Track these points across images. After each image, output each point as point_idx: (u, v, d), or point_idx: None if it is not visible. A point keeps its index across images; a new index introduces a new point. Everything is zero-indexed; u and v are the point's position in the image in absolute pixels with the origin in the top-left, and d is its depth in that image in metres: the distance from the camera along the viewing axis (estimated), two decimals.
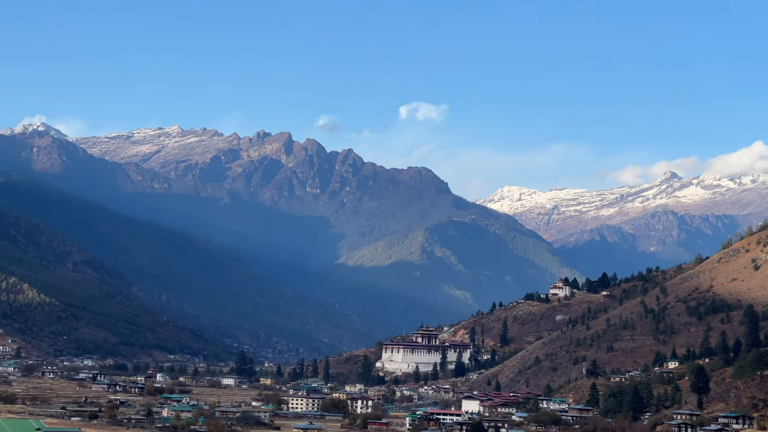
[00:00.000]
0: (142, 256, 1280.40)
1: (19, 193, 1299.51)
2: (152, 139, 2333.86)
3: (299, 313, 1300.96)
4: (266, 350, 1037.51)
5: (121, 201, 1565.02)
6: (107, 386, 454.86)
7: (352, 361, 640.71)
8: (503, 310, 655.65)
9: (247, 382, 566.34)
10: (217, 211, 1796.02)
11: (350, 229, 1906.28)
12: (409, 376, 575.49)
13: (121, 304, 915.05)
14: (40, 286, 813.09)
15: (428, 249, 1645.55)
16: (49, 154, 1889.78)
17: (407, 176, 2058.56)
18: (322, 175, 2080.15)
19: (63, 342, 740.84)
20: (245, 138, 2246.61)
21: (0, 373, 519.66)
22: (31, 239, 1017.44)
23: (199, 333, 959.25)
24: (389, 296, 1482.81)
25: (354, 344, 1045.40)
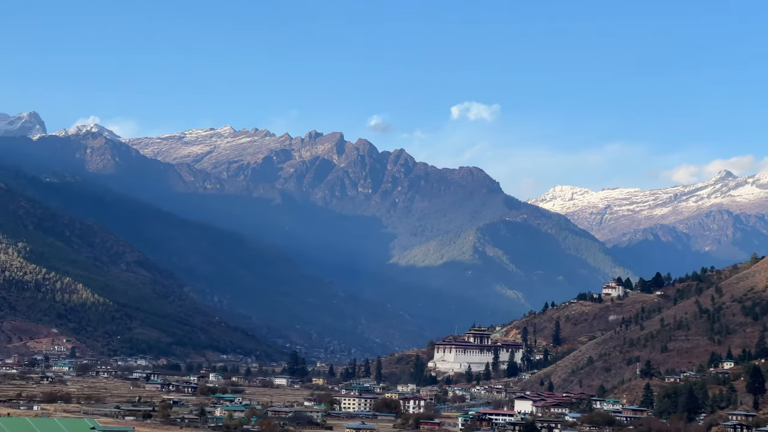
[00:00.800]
0: (195, 257, 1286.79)
1: (73, 194, 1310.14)
2: (204, 139, 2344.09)
3: (351, 313, 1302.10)
4: (318, 350, 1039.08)
5: (173, 202, 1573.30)
6: (160, 386, 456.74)
7: (404, 361, 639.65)
8: (555, 309, 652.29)
9: (300, 382, 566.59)
10: (268, 212, 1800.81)
11: (402, 229, 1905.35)
12: (461, 376, 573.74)
13: (174, 304, 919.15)
14: (93, 287, 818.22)
15: (480, 249, 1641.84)
16: (102, 155, 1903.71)
17: (459, 176, 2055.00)
18: (373, 175, 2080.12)
19: (117, 342, 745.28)
20: (297, 138, 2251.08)
21: (55, 372, 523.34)
22: (84, 240, 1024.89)
23: (252, 333, 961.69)
24: (441, 296, 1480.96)
25: (406, 344, 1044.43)
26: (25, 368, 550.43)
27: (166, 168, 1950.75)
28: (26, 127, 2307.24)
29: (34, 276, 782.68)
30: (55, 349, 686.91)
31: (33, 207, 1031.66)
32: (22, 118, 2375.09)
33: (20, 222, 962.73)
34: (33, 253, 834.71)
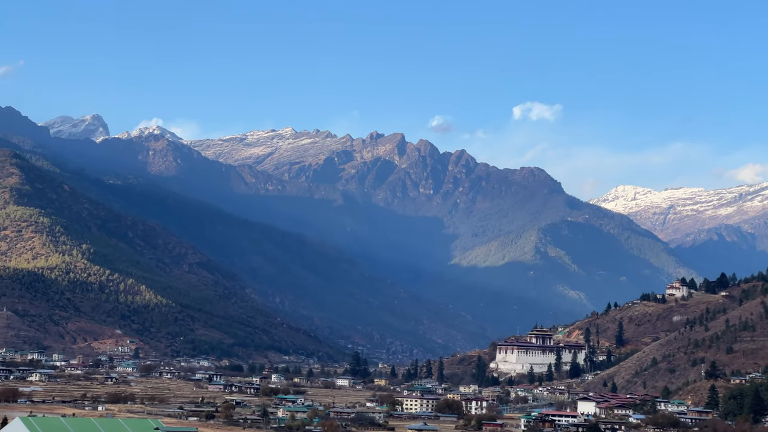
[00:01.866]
0: (257, 258, 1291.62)
1: (135, 195, 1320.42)
2: (265, 141, 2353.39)
3: (413, 314, 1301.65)
4: (380, 351, 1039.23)
5: (235, 203, 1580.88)
6: (223, 386, 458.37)
7: (466, 361, 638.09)
8: (618, 310, 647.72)
9: (362, 382, 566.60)
10: (330, 213, 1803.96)
11: (463, 229, 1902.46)
12: (523, 376, 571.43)
13: (236, 305, 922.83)
14: (156, 288, 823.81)
15: (541, 249, 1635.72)
16: (164, 157, 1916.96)
17: (520, 176, 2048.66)
18: (435, 175, 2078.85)
19: (179, 343, 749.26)
20: (358, 139, 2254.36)
21: (119, 373, 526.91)
22: (147, 241, 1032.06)
23: (314, 334, 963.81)
24: (503, 296, 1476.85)
25: (468, 345, 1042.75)
26: (90, 369, 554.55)
27: (227, 170, 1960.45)
28: (90, 129, 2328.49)
29: (98, 277, 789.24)
30: (119, 350, 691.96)
31: (96, 209, 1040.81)
32: (86, 121, 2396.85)
33: (84, 224, 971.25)
34: (97, 255, 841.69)
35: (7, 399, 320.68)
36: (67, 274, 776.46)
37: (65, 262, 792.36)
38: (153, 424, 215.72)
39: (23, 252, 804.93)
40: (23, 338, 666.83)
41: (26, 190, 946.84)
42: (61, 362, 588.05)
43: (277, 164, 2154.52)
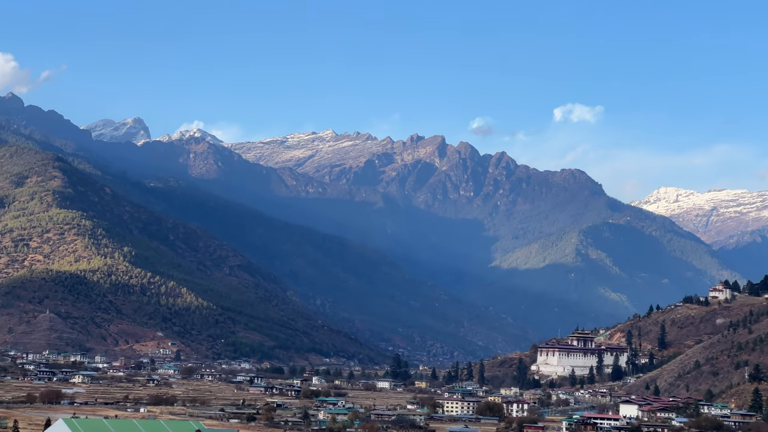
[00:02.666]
0: (297, 261, 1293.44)
1: (176, 198, 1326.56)
2: (306, 143, 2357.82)
3: (453, 316, 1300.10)
4: (421, 353, 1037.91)
5: (276, 206, 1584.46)
6: (264, 389, 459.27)
7: (507, 364, 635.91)
8: (661, 313, 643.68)
9: (402, 385, 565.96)
10: (371, 215, 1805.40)
11: (504, 231, 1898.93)
12: (564, 379, 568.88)
13: (277, 308, 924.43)
14: (197, 290, 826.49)
15: (582, 251, 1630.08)
16: (205, 159, 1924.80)
17: (561, 178, 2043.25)
18: (475, 178, 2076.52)
19: (221, 345, 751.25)
20: (399, 142, 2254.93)
21: (161, 375, 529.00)
22: (188, 244, 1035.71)
23: (354, 336, 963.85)
24: (543, 299, 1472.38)
25: (508, 347, 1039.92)
26: (132, 371, 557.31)
27: (268, 172, 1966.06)
28: (131, 132, 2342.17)
29: (139, 280, 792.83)
30: (161, 352, 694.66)
31: (138, 212, 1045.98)
32: (127, 124, 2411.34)
33: (125, 226, 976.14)
34: (138, 258, 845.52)
35: (50, 401, 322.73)
36: (109, 276, 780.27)
37: (107, 265, 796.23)
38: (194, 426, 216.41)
39: (66, 254, 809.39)
40: (66, 340, 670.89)
41: (68, 193, 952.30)
42: (104, 364, 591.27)
43: (318, 167, 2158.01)
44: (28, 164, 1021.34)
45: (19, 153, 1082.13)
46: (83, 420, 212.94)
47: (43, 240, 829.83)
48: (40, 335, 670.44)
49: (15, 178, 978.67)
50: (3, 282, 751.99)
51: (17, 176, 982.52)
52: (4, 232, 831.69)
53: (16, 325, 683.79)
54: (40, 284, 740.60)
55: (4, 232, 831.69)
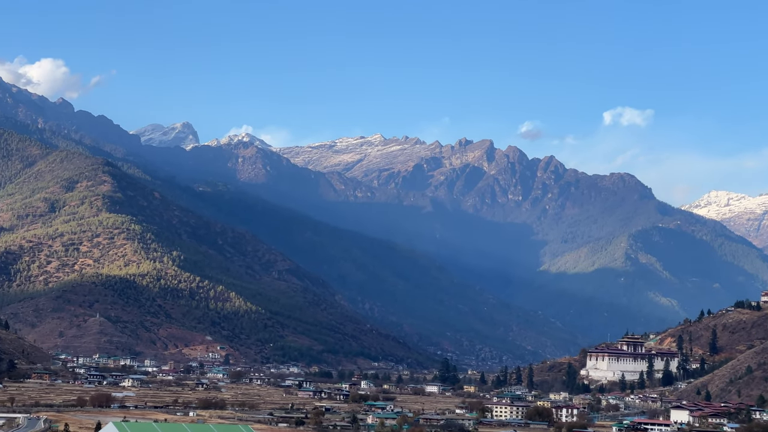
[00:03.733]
0: (346, 265, 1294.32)
1: (225, 202, 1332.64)
2: (354, 147, 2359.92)
3: (502, 320, 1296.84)
4: (469, 357, 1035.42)
5: (324, 210, 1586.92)
6: (313, 393, 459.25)
7: (556, 368, 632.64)
8: (712, 318, 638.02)
9: (451, 389, 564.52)
10: (419, 219, 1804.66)
11: (552, 235, 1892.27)
12: (614, 384, 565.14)
13: (326, 312, 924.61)
14: (246, 295, 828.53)
15: (632, 255, 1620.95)
16: (253, 164, 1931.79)
17: (610, 182, 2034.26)
18: (523, 182, 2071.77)
19: (269, 349, 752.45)
20: (447, 146, 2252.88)
21: (210, 379, 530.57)
22: (237, 248, 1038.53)
23: (403, 341, 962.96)
24: (593, 303, 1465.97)
25: (557, 351, 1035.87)
26: (181, 375, 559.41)
27: (317, 177, 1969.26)
28: (180, 137, 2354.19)
29: (188, 284, 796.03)
30: (210, 356, 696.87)
31: (186, 216, 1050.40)
32: (176, 129, 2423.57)
33: (174, 231, 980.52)
34: (187, 262, 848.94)
35: (100, 404, 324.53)
36: (158, 281, 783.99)
37: (156, 269, 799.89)
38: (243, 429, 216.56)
39: (115, 259, 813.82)
40: (116, 344, 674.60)
41: (118, 197, 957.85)
42: (153, 368, 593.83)
43: (366, 171, 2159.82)
44: (78, 169, 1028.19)
45: (69, 158, 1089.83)
46: (133, 423, 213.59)
47: (93, 244, 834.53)
48: (90, 339, 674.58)
49: (65, 182, 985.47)
50: (54, 286, 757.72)
51: (68, 181, 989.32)
52: (54, 237, 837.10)
53: (66, 329, 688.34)
54: (90, 288, 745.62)
55: (54, 237, 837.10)
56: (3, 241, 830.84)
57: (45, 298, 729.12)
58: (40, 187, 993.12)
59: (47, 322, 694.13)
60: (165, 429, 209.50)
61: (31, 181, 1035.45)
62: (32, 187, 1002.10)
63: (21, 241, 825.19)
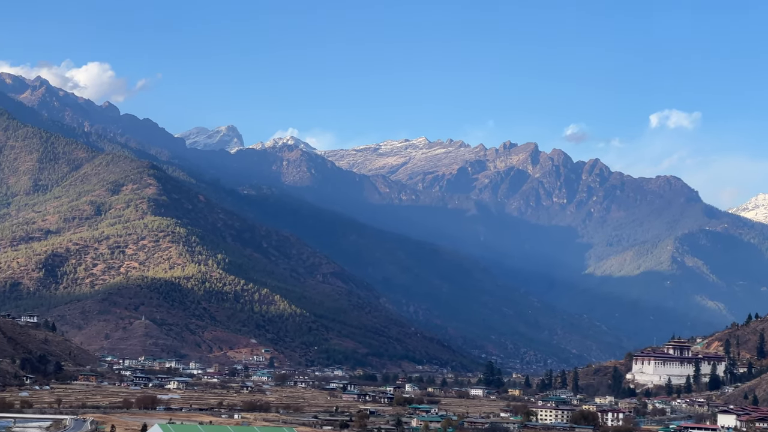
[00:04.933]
0: (390, 268, 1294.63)
1: (269, 205, 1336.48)
2: (399, 151, 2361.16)
3: (547, 324, 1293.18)
4: (514, 361, 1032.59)
5: (369, 213, 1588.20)
6: (357, 396, 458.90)
7: (602, 372, 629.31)
8: (760, 321, 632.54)
9: (495, 392, 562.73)
10: (464, 222, 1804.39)
11: (597, 239, 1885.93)
12: (660, 388, 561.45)
13: (370, 315, 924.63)
14: (291, 298, 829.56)
15: (678, 259, 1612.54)
16: (298, 167, 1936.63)
17: (656, 185, 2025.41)
18: (568, 185, 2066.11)
19: (314, 352, 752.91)
20: (491, 149, 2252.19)
21: (255, 382, 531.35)
22: (281, 251, 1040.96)
23: (447, 344, 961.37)
24: (638, 307, 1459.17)
25: (603, 355, 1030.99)
26: (226, 377, 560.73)
27: (361, 180, 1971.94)
28: (224, 140, 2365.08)
29: (233, 287, 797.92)
30: (254, 359, 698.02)
31: (231, 219, 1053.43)
32: (221, 132, 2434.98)
33: (219, 234, 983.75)
34: (232, 265, 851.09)
35: (146, 406, 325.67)
36: (203, 283, 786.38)
37: (201, 272, 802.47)
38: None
39: (160, 262, 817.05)
40: (161, 347, 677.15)
41: (163, 200, 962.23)
42: (198, 370, 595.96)
43: (411, 174, 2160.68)
44: (124, 172, 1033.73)
45: (115, 161, 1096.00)
46: (179, 425, 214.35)
47: (138, 247, 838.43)
48: (135, 341, 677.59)
49: (111, 186, 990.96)
50: (100, 288, 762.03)
51: (113, 184, 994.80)
52: (100, 239, 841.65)
53: (112, 332, 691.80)
54: (135, 291, 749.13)
55: (100, 239, 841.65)
56: (50, 243, 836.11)
57: (91, 301, 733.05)
58: (86, 190, 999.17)
59: (93, 324, 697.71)
60: (210, 431, 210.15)
61: (78, 184, 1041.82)
62: (78, 190, 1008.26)
63: (67, 244, 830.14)
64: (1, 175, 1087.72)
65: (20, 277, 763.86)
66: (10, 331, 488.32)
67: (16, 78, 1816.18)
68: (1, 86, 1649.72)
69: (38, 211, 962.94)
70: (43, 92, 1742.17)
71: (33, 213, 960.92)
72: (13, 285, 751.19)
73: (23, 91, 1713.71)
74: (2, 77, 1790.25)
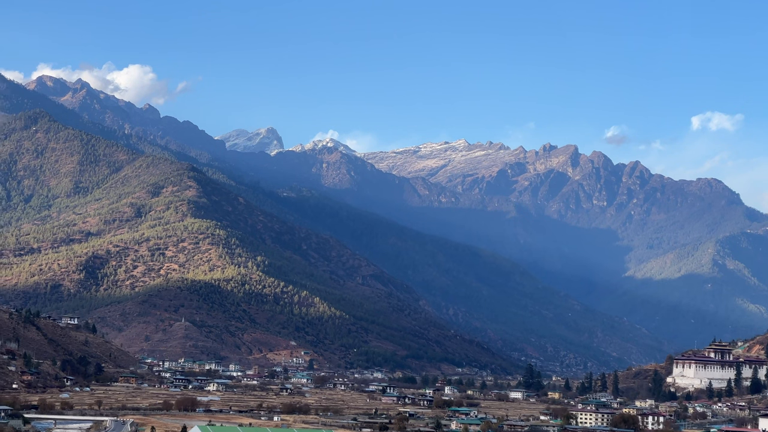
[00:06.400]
0: (430, 270, 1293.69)
1: (309, 208, 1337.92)
2: (438, 153, 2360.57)
3: (587, 327, 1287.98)
4: (554, 363, 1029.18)
5: (408, 215, 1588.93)
6: (396, 398, 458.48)
7: (642, 375, 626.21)
8: None
9: (535, 395, 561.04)
10: (503, 225, 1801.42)
11: (638, 241, 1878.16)
12: (701, 392, 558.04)
13: (410, 317, 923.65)
14: (330, 300, 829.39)
15: (719, 262, 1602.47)
16: (337, 169, 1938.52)
17: (696, 188, 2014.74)
18: (608, 187, 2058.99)
19: (353, 354, 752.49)
20: (531, 151, 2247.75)
21: (294, 384, 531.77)
22: (321, 253, 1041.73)
23: (487, 346, 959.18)
24: (679, 310, 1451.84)
25: (643, 358, 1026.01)
26: (265, 379, 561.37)
27: (401, 182, 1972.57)
28: (264, 143, 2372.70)
29: (272, 289, 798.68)
30: (294, 361, 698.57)
31: (271, 221, 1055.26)
32: (260, 134, 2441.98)
33: (259, 236, 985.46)
34: (271, 267, 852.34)
35: (186, 408, 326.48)
36: (243, 285, 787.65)
37: (241, 274, 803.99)
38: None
39: (200, 264, 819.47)
40: (201, 348, 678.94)
41: (203, 202, 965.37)
42: (238, 373, 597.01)
43: (451, 176, 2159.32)
44: (164, 174, 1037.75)
45: (155, 163, 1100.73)
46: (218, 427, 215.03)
47: (178, 249, 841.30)
48: (175, 343, 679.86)
49: (151, 188, 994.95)
50: (140, 290, 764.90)
51: (153, 186, 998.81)
52: (140, 241, 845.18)
53: (152, 333, 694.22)
54: (175, 293, 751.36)
55: (140, 241, 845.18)
56: (91, 245, 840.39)
57: (131, 303, 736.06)
58: (127, 192, 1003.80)
59: (134, 326, 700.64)
60: None
61: (118, 186, 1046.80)
62: (119, 192, 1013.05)
63: (108, 246, 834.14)
64: (42, 178, 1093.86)
65: (61, 279, 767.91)
66: (51, 332, 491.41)
67: (57, 81, 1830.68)
68: (43, 89, 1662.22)
69: (79, 213, 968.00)
70: (84, 95, 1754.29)
71: (74, 215, 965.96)
72: (54, 287, 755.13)
73: (64, 93, 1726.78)
74: (44, 80, 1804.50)
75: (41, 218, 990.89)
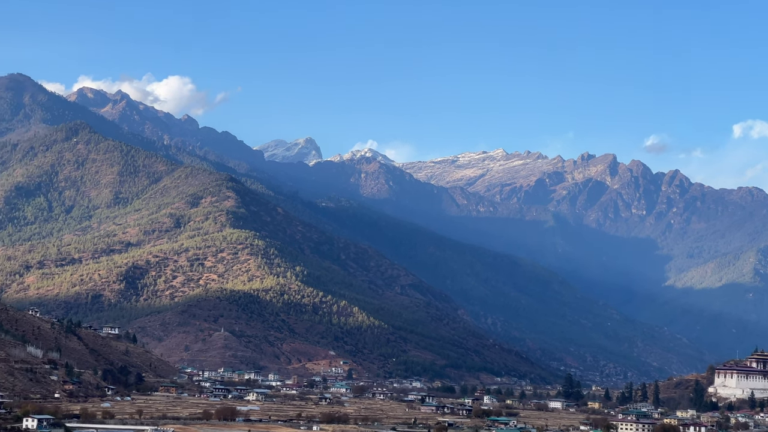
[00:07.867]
0: (469, 280, 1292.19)
1: (347, 218, 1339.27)
2: (477, 162, 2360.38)
3: (626, 336, 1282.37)
4: (593, 373, 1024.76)
5: (447, 225, 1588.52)
6: (435, 408, 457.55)
7: (683, 385, 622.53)
8: None
9: (575, 405, 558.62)
10: (541, 234, 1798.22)
11: (678, 250, 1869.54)
12: (743, 402, 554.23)
13: (448, 327, 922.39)
14: (369, 310, 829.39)
15: (761, 271, 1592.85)
16: (376, 179, 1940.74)
17: (737, 196, 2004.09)
18: (647, 196, 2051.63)
19: (392, 364, 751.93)
20: (569, 160, 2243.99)
21: (333, 393, 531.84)
22: (360, 263, 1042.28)
23: (525, 355, 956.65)
24: (720, 319, 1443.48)
25: (684, 368, 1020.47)
26: (304, 389, 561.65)
27: (439, 192, 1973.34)
28: (302, 153, 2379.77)
29: (311, 299, 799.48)
30: (333, 371, 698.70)
31: (309, 231, 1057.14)
32: (299, 145, 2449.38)
33: (297, 246, 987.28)
34: (310, 277, 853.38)
35: (225, 417, 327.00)
36: (282, 296, 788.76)
37: (280, 284, 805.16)
38: None
39: (239, 274, 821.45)
40: (240, 358, 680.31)
41: (242, 213, 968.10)
42: (277, 382, 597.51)
43: (489, 186, 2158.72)
44: (203, 185, 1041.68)
45: (194, 174, 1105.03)
46: None
47: (217, 259, 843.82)
48: (215, 353, 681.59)
49: (190, 198, 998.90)
50: (179, 300, 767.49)
51: (192, 197, 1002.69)
52: (180, 252, 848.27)
53: (192, 343, 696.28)
54: (215, 303, 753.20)
55: (180, 252, 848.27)
56: (131, 256, 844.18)
57: (171, 313, 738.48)
58: (166, 202, 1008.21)
59: (173, 336, 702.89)
60: None
61: (157, 197, 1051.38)
62: (158, 203, 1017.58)
63: (148, 256, 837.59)
64: (83, 188, 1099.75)
65: (102, 289, 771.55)
66: (92, 342, 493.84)
67: (97, 92, 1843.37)
68: (83, 100, 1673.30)
69: (119, 224, 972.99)
70: (124, 106, 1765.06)
71: (114, 225, 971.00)
72: (94, 297, 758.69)
73: (105, 105, 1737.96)
74: (84, 91, 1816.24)
75: (82, 229, 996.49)
